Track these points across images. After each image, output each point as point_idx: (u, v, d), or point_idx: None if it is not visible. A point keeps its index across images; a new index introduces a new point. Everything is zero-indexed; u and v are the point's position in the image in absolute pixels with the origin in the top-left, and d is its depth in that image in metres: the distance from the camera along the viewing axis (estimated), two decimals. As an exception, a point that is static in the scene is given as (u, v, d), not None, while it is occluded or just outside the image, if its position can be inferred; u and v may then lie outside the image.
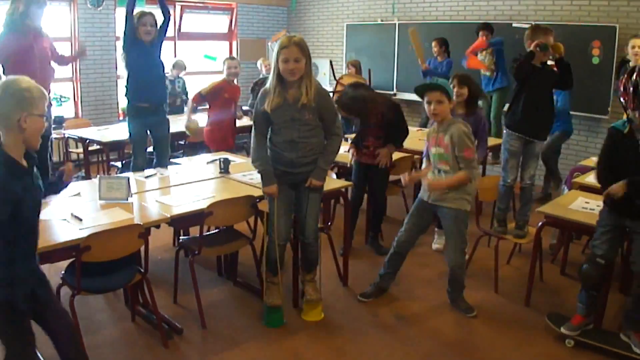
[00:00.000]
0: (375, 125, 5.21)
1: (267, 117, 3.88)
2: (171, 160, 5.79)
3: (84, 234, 3.36)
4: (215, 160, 5.22)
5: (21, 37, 5.17)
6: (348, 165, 5.50)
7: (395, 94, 9.73)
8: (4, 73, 5.30)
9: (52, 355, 2.99)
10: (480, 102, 6.02)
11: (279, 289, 4.18)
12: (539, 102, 4.93)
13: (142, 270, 3.78)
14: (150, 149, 6.12)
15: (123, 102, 5.78)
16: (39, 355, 3.00)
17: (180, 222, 4.05)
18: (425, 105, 4.16)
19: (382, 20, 10.23)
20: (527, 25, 6.48)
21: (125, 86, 5.72)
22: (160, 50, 5.71)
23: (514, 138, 5.03)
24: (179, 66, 9.35)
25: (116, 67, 9.41)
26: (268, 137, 4.01)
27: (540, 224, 4.31)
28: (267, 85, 3.88)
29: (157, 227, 3.84)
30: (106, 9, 9.29)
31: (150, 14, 5.52)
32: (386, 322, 4.27)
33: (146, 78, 5.61)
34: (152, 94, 5.71)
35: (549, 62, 4.99)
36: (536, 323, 4.17)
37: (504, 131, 5.18)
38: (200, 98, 6.25)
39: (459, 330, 4.17)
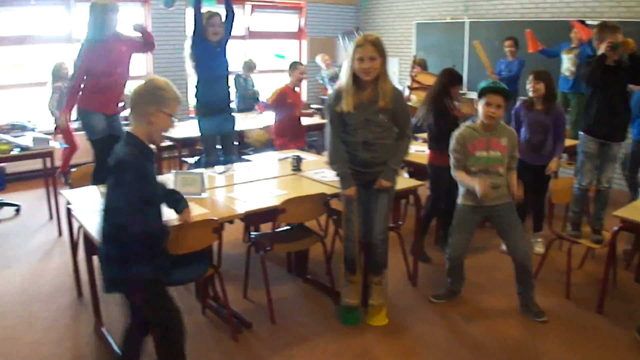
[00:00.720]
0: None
1: (342, 117, 3.84)
2: (243, 157, 5.84)
3: (161, 227, 3.41)
4: (287, 157, 5.27)
5: (102, 46, 5.30)
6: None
7: (464, 94, 9.60)
8: (88, 78, 5.46)
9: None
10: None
11: (357, 288, 4.17)
12: (613, 103, 4.78)
13: (215, 264, 3.83)
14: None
15: (193, 99, 5.84)
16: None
17: (253, 218, 4.09)
18: (482, 106, 4.06)
19: (451, 19, 10.13)
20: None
21: (195, 86, 5.79)
22: (226, 49, 5.76)
23: (589, 140, 4.90)
24: (249, 66, 9.44)
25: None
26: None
27: (615, 228, 4.16)
28: (341, 84, 3.84)
29: (230, 222, 3.88)
30: (177, 9, 9.43)
31: (218, 14, 5.56)
32: (454, 324, 4.22)
33: (213, 79, 5.66)
34: (219, 94, 5.75)
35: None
36: (608, 331, 4.05)
37: (580, 133, 5.04)
38: (266, 108, 6.35)
39: (528, 335, 4.08)
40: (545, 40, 7.87)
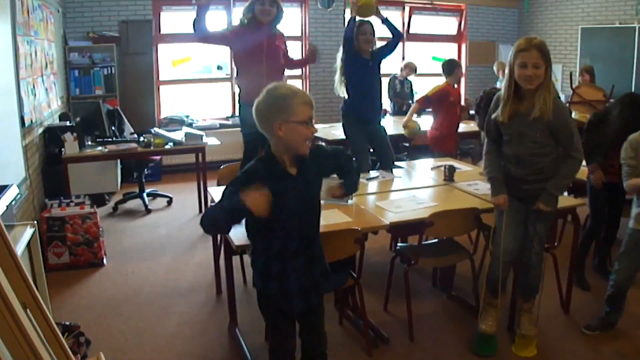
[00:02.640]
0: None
1: (498, 127, 3.54)
2: (395, 162, 5.64)
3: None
4: (440, 166, 5.00)
5: (251, 32, 5.21)
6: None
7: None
8: (236, 65, 5.44)
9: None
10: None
11: (496, 314, 3.80)
12: None
13: (355, 275, 3.67)
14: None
15: (342, 107, 5.73)
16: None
17: (399, 230, 3.90)
18: None
19: (620, 23, 9.45)
20: None
21: (347, 93, 5.63)
22: (380, 63, 5.59)
23: None
24: (409, 67, 9.25)
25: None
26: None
27: None
28: (502, 91, 3.50)
29: (375, 233, 3.70)
30: (336, 10, 9.43)
31: (369, 22, 5.40)
32: (607, 360, 3.80)
33: (364, 90, 5.51)
34: (368, 106, 5.59)
35: None
36: None
37: None
38: (427, 101, 6.15)
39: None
40: None
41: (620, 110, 4.51)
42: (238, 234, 3.35)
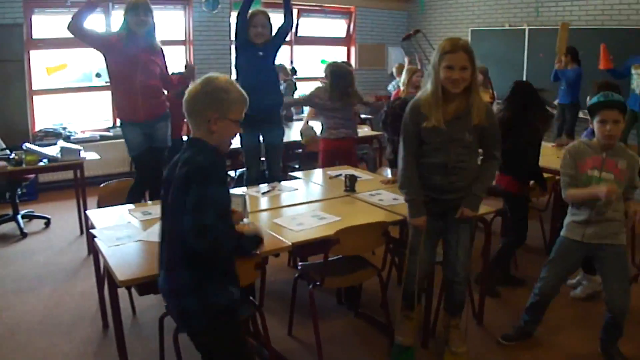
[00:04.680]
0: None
1: (420, 135, 3.31)
2: (290, 173, 5.36)
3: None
4: (339, 175, 4.74)
5: (126, 44, 4.84)
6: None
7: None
8: (109, 76, 5.08)
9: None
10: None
11: (413, 326, 3.67)
12: None
13: (257, 303, 3.36)
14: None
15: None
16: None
17: (302, 250, 3.59)
18: (597, 125, 3.45)
19: (510, 26, 9.62)
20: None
21: None
22: (275, 55, 5.28)
23: None
24: (282, 71, 8.95)
25: (231, 72, 9.17)
26: None
27: None
28: (424, 96, 3.31)
29: (276, 255, 3.38)
30: (221, 13, 9.12)
31: (263, 13, 5.09)
32: (529, 370, 3.65)
33: (255, 84, 5.04)
34: (260, 101, 5.02)
35: None
36: None
37: None
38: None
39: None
40: (612, 48, 7.38)
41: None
42: (122, 267, 2.96)
